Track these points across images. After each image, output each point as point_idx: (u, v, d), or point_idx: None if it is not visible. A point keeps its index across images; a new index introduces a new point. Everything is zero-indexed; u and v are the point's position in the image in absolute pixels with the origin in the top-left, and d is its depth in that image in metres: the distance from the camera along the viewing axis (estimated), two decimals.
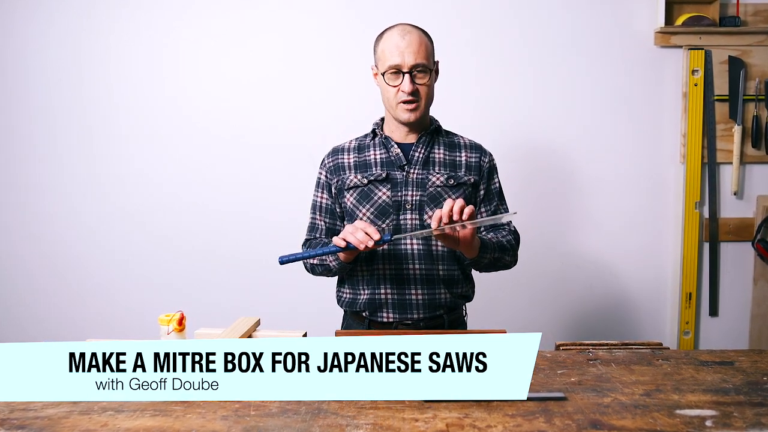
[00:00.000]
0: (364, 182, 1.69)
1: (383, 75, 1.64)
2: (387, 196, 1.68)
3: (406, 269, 1.68)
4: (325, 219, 1.78)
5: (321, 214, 1.78)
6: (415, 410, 1.23)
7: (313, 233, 1.79)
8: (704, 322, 2.64)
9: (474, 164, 1.74)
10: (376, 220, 1.67)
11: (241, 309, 2.01)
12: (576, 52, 2.53)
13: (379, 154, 1.72)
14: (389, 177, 1.69)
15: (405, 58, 1.60)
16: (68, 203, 2.61)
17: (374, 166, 1.71)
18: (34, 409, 1.24)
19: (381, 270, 1.68)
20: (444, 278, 1.70)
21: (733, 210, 2.59)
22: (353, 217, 1.70)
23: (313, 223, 1.80)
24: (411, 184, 1.68)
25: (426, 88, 1.65)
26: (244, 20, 2.53)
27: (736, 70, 2.51)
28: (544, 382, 1.40)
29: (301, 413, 1.22)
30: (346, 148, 1.77)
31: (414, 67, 1.61)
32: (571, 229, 2.62)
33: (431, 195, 1.68)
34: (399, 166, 1.69)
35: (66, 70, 2.56)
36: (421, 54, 1.61)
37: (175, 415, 1.22)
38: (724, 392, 1.32)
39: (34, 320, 2.64)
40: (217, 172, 2.59)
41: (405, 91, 1.61)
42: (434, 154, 1.72)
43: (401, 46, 1.60)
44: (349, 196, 1.71)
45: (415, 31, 1.64)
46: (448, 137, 1.77)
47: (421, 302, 1.68)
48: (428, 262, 1.68)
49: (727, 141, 2.55)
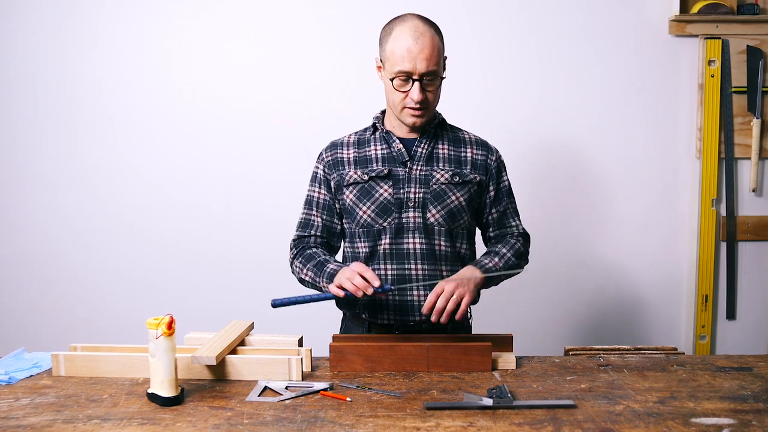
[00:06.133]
0: (365, 179, 1.69)
1: (391, 79, 1.62)
2: (389, 194, 1.67)
3: (408, 270, 1.68)
4: (322, 215, 1.77)
5: (318, 209, 1.77)
6: (416, 419, 1.23)
7: (306, 230, 1.77)
8: (721, 326, 2.64)
9: (480, 162, 1.73)
10: (378, 218, 1.67)
11: (234, 312, 2.02)
12: (586, 42, 2.53)
13: (380, 149, 1.72)
14: (391, 173, 1.68)
15: (417, 65, 1.58)
16: (51, 201, 2.60)
17: (375, 161, 1.71)
18: (15, 417, 1.25)
19: (382, 271, 1.68)
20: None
21: (752, 208, 2.59)
22: (353, 214, 1.70)
23: (307, 219, 1.78)
24: (414, 180, 1.68)
25: (435, 94, 1.65)
26: (237, 11, 2.52)
27: (755, 61, 2.51)
28: (552, 389, 1.40)
29: (297, 422, 1.22)
30: (344, 143, 1.77)
31: (424, 75, 1.60)
32: (580, 228, 2.62)
33: (435, 192, 1.68)
34: (401, 162, 1.69)
35: (49, 60, 2.55)
36: (433, 60, 1.59)
37: (164, 423, 1.22)
38: (742, 399, 1.32)
39: (16, 325, 2.64)
40: (208, 168, 2.58)
41: (414, 99, 1.61)
42: (438, 149, 1.72)
43: (414, 51, 1.58)
44: (349, 193, 1.70)
45: (428, 31, 1.61)
46: (453, 132, 1.76)
47: (423, 304, 1.67)
48: (431, 263, 1.68)
49: (746, 135, 2.55)
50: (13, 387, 1.42)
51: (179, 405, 1.30)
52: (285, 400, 1.33)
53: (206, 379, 1.46)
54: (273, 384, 1.41)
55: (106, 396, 1.35)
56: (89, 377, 1.47)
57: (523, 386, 1.41)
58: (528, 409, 1.28)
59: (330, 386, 1.39)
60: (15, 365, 1.54)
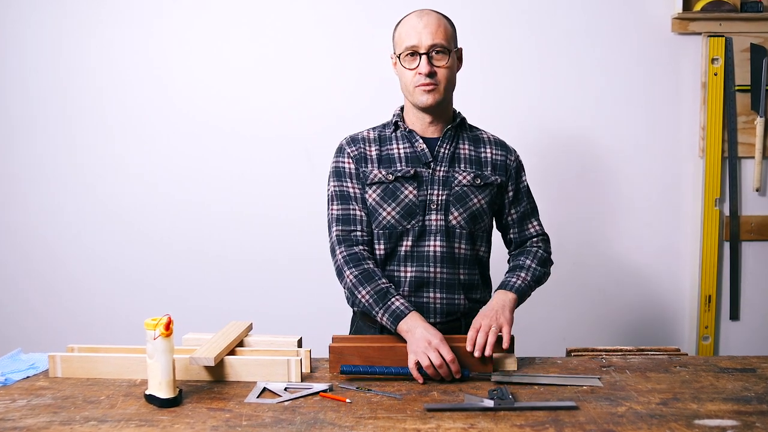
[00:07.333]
0: (390, 179, 1.66)
1: (399, 58, 1.64)
2: (413, 195, 1.66)
3: (427, 272, 1.66)
4: (363, 210, 1.68)
5: (356, 204, 1.67)
6: (417, 420, 1.23)
7: (350, 225, 1.67)
8: (724, 327, 2.64)
9: (500, 163, 1.73)
10: (402, 220, 1.66)
11: (233, 312, 2.01)
12: (588, 41, 2.52)
13: (402, 148, 1.70)
14: (416, 174, 1.66)
15: (422, 38, 1.60)
16: (49, 200, 2.60)
17: (399, 161, 1.68)
18: (12, 419, 1.24)
19: (402, 272, 1.67)
20: (464, 283, 1.70)
21: (756, 207, 2.59)
22: (374, 215, 1.67)
23: (347, 214, 1.67)
24: (437, 182, 1.67)
25: (446, 71, 1.63)
26: (237, 11, 2.52)
27: (759, 59, 2.50)
28: (554, 390, 1.40)
29: (296, 423, 1.22)
30: (366, 138, 1.73)
31: (432, 48, 1.60)
32: (582, 228, 2.61)
33: (457, 195, 1.66)
34: (425, 162, 1.68)
35: (48, 60, 2.55)
36: (440, 34, 1.60)
37: (162, 425, 1.22)
38: (745, 401, 1.32)
39: (12, 325, 2.63)
40: (208, 168, 2.58)
41: (422, 72, 1.60)
42: (460, 150, 1.71)
43: (418, 27, 1.61)
44: (372, 193, 1.67)
45: (433, 13, 1.65)
46: (471, 132, 1.76)
47: (439, 307, 1.67)
48: (450, 266, 1.67)
49: (749, 134, 2.55)
50: (10, 388, 1.42)
51: (177, 406, 1.30)
52: (284, 401, 1.33)
53: (204, 380, 1.45)
54: (272, 385, 1.41)
55: (103, 397, 1.35)
56: (86, 378, 1.47)
57: (525, 387, 1.41)
58: (529, 410, 1.27)
59: (329, 387, 1.39)
60: (11, 366, 1.54)
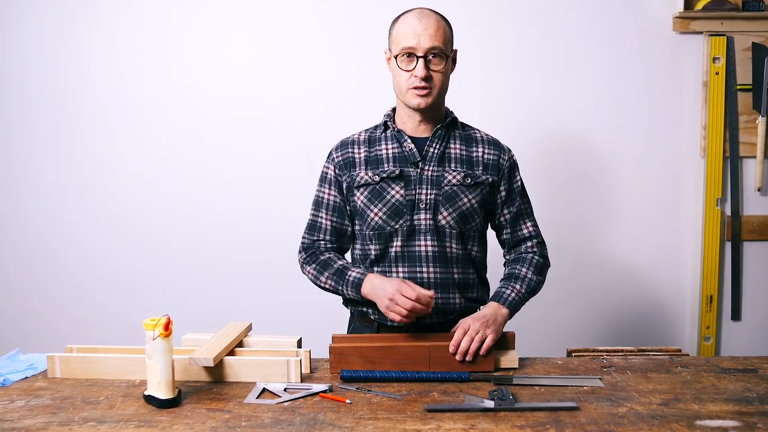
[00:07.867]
0: (376, 180, 1.67)
1: (396, 58, 1.63)
2: (400, 195, 1.66)
3: (420, 272, 1.67)
4: (332, 218, 1.74)
5: (326, 211, 1.75)
6: (417, 421, 1.23)
7: (314, 233, 1.75)
8: (726, 327, 2.63)
9: (492, 163, 1.72)
10: (389, 220, 1.66)
11: (232, 313, 2.01)
12: (589, 40, 2.52)
13: (391, 148, 1.70)
14: (402, 174, 1.67)
15: (420, 41, 1.59)
16: (48, 200, 2.60)
17: (386, 162, 1.69)
18: (10, 419, 1.24)
19: (393, 272, 1.67)
20: (459, 282, 1.70)
21: (757, 207, 2.58)
22: (363, 216, 1.68)
23: (315, 221, 1.75)
24: (425, 181, 1.67)
25: (441, 76, 1.63)
26: (237, 11, 2.52)
27: (760, 58, 2.50)
28: (555, 390, 1.40)
29: (295, 424, 1.22)
30: (355, 141, 1.75)
31: (429, 51, 1.60)
32: (583, 228, 2.61)
33: (446, 194, 1.66)
34: (413, 162, 1.68)
35: (47, 61, 2.55)
36: (438, 38, 1.60)
37: (161, 426, 1.22)
38: (747, 402, 1.32)
39: (11, 326, 2.63)
40: (208, 168, 2.58)
41: (418, 75, 1.60)
42: (450, 149, 1.70)
43: (417, 29, 1.60)
44: (360, 195, 1.69)
45: (433, 14, 1.64)
46: (464, 131, 1.75)
47: (434, 307, 1.67)
48: (442, 266, 1.67)
49: (751, 133, 2.54)
50: (8, 389, 1.42)
51: (176, 407, 1.30)
52: (283, 402, 1.33)
53: (204, 380, 1.45)
54: (271, 386, 1.41)
55: (102, 398, 1.35)
56: (85, 379, 1.47)
57: (525, 388, 1.41)
58: (530, 411, 1.27)
59: (329, 388, 1.39)
60: (10, 367, 1.54)
